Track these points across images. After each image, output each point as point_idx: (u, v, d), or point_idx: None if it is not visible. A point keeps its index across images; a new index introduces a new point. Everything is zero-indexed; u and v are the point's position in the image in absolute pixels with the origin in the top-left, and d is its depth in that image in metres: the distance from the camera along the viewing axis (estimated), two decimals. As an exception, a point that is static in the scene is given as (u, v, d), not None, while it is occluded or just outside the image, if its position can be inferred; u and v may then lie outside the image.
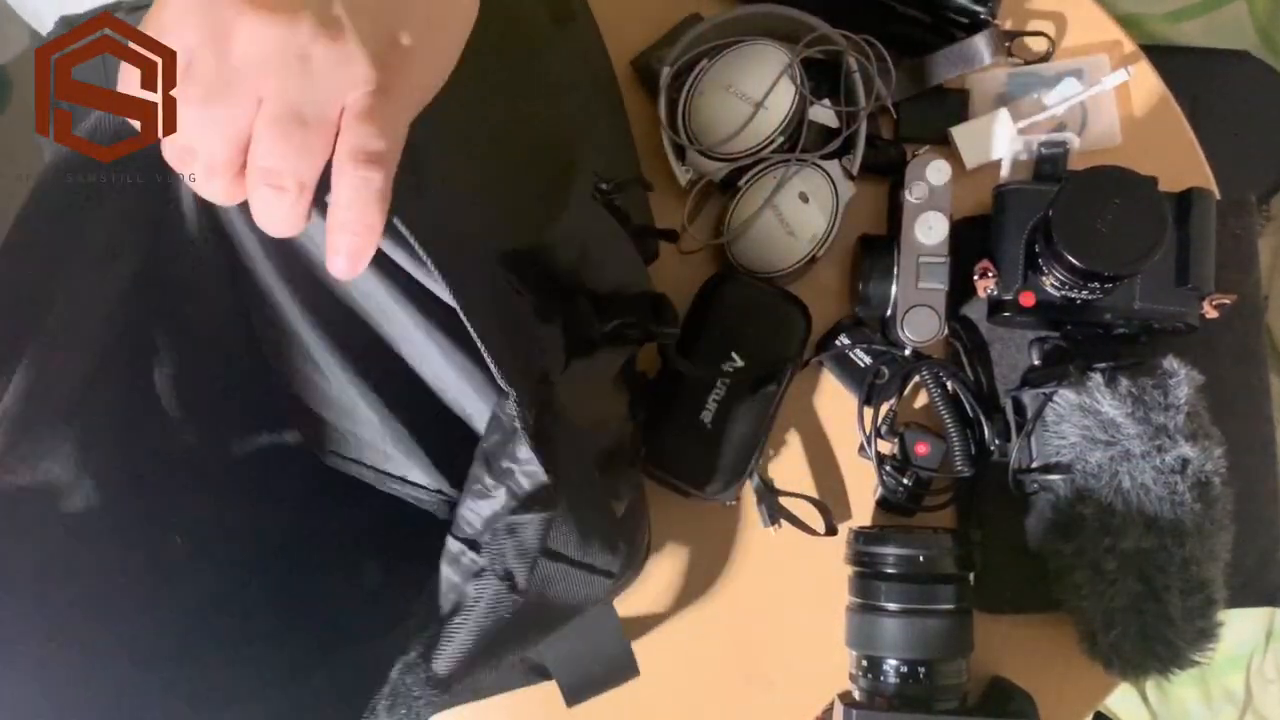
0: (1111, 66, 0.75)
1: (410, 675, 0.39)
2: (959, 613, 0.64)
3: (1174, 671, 0.63)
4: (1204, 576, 0.62)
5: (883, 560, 0.65)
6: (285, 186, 0.34)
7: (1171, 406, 0.63)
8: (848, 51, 0.72)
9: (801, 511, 0.70)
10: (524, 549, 0.40)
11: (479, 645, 0.40)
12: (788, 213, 0.71)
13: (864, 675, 0.65)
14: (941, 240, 0.68)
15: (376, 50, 0.34)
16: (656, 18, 0.75)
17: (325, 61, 0.33)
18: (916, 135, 0.75)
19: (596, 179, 0.56)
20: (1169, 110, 0.76)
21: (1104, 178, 0.63)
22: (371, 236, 0.36)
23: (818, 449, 0.74)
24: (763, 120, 0.70)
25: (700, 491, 0.68)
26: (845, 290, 0.75)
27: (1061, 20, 0.76)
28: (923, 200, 0.69)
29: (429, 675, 0.39)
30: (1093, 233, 0.62)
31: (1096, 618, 0.63)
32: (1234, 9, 1.10)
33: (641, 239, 0.63)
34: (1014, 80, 0.76)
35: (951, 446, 0.70)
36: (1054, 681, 0.69)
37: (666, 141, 0.72)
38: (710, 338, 0.69)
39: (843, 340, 0.72)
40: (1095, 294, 0.65)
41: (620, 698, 0.71)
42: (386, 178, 0.35)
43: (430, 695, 0.39)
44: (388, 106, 0.35)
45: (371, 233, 0.35)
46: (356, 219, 0.35)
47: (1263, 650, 0.97)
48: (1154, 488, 0.62)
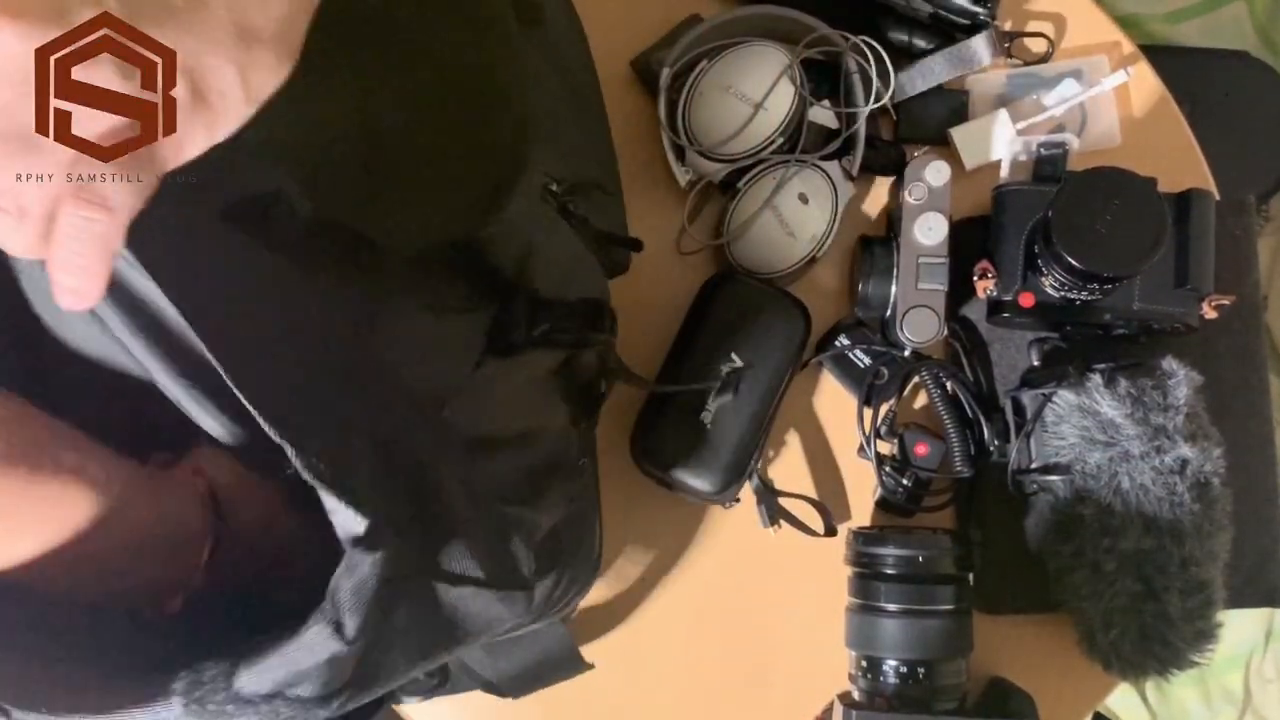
0: (1111, 67, 0.76)
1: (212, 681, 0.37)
2: (958, 613, 0.64)
3: (1173, 672, 0.63)
4: (1203, 577, 0.62)
5: (882, 561, 0.65)
6: (6, 209, 0.32)
7: (1171, 407, 0.63)
8: (847, 52, 0.72)
9: (801, 512, 0.70)
10: (360, 593, 0.38)
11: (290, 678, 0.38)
12: (787, 213, 0.71)
13: (863, 675, 0.65)
14: (941, 241, 0.68)
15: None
16: (656, 18, 0.76)
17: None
18: (916, 136, 0.75)
19: (547, 180, 0.55)
20: (1168, 111, 0.76)
21: (1103, 179, 0.63)
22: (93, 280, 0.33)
23: (817, 449, 0.74)
24: (762, 121, 0.70)
25: (700, 492, 0.68)
26: (845, 290, 0.75)
27: (1061, 21, 0.77)
28: (922, 201, 0.69)
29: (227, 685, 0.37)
30: (1092, 234, 0.62)
31: (1096, 618, 0.64)
32: (1233, 9, 1.10)
33: (603, 246, 0.62)
34: (1013, 81, 0.76)
35: (951, 447, 0.70)
36: (1053, 682, 0.69)
37: (666, 142, 0.72)
38: (710, 338, 0.69)
39: (842, 341, 0.72)
40: (1094, 295, 0.66)
41: (620, 698, 0.71)
42: (114, 223, 0.33)
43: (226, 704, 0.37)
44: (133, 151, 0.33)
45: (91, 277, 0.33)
46: (75, 259, 0.33)
47: (1262, 650, 0.97)
48: (1153, 488, 0.62)
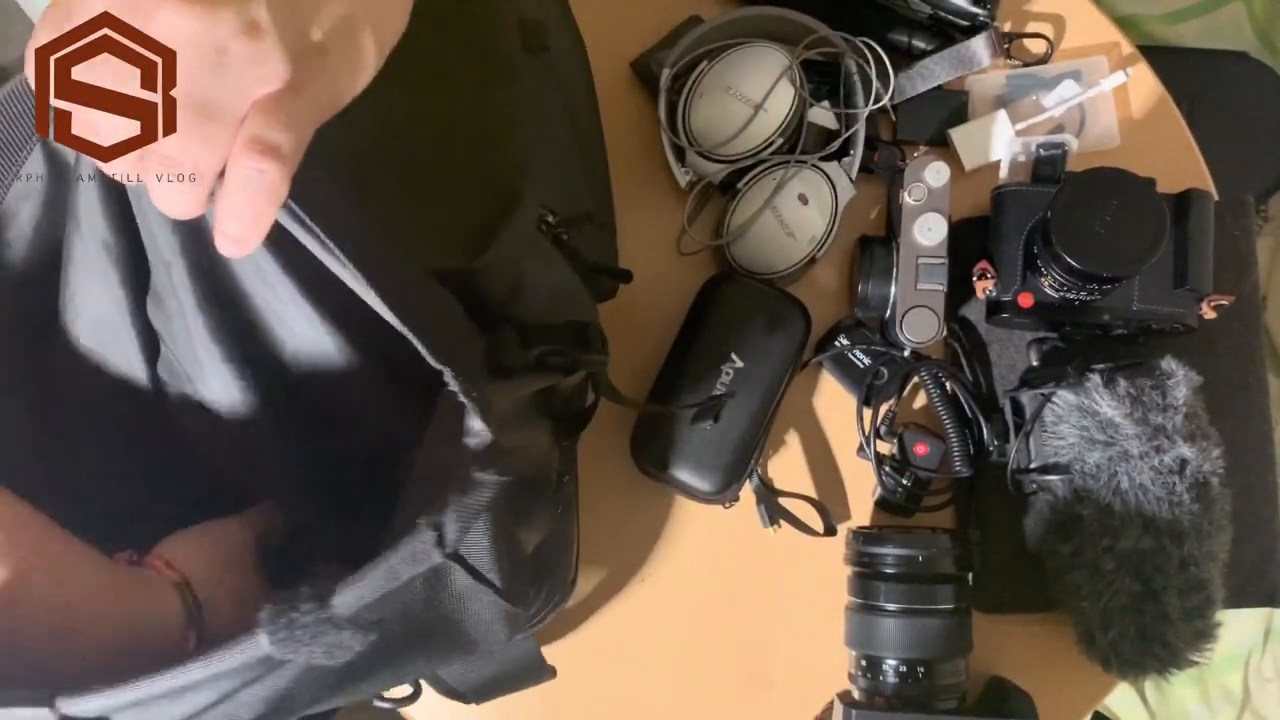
0: (1110, 68, 0.76)
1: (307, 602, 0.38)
2: (958, 612, 0.64)
3: (1172, 671, 0.63)
4: (1202, 576, 0.62)
5: (882, 560, 0.65)
6: (183, 175, 0.34)
7: (1170, 407, 0.63)
8: (847, 54, 0.72)
9: (801, 512, 0.70)
10: (471, 505, 0.40)
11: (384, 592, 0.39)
12: (787, 214, 0.71)
13: (863, 675, 0.65)
14: (940, 241, 0.68)
15: (294, 51, 0.34)
16: (656, 20, 0.76)
17: (241, 57, 0.33)
18: (915, 137, 0.75)
19: (543, 211, 0.55)
20: (1167, 111, 0.76)
21: (1102, 179, 0.63)
22: (258, 227, 0.35)
23: (817, 449, 0.74)
24: (762, 122, 0.70)
25: (700, 492, 0.68)
26: (845, 291, 0.75)
27: (1060, 22, 0.77)
28: (922, 201, 0.69)
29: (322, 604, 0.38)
30: (1091, 234, 0.62)
31: (1095, 618, 0.64)
32: (1232, 10, 1.10)
33: (594, 277, 0.62)
34: (1012, 82, 0.76)
35: (950, 447, 0.70)
36: (1053, 681, 0.69)
37: (666, 143, 0.72)
38: (710, 338, 0.69)
39: (842, 341, 0.72)
40: (1094, 295, 0.66)
41: (620, 698, 0.71)
42: (282, 173, 0.35)
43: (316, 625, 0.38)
44: (296, 105, 0.35)
45: (258, 224, 0.35)
46: (245, 207, 0.35)
47: (1261, 650, 0.97)
48: (1152, 488, 0.62)
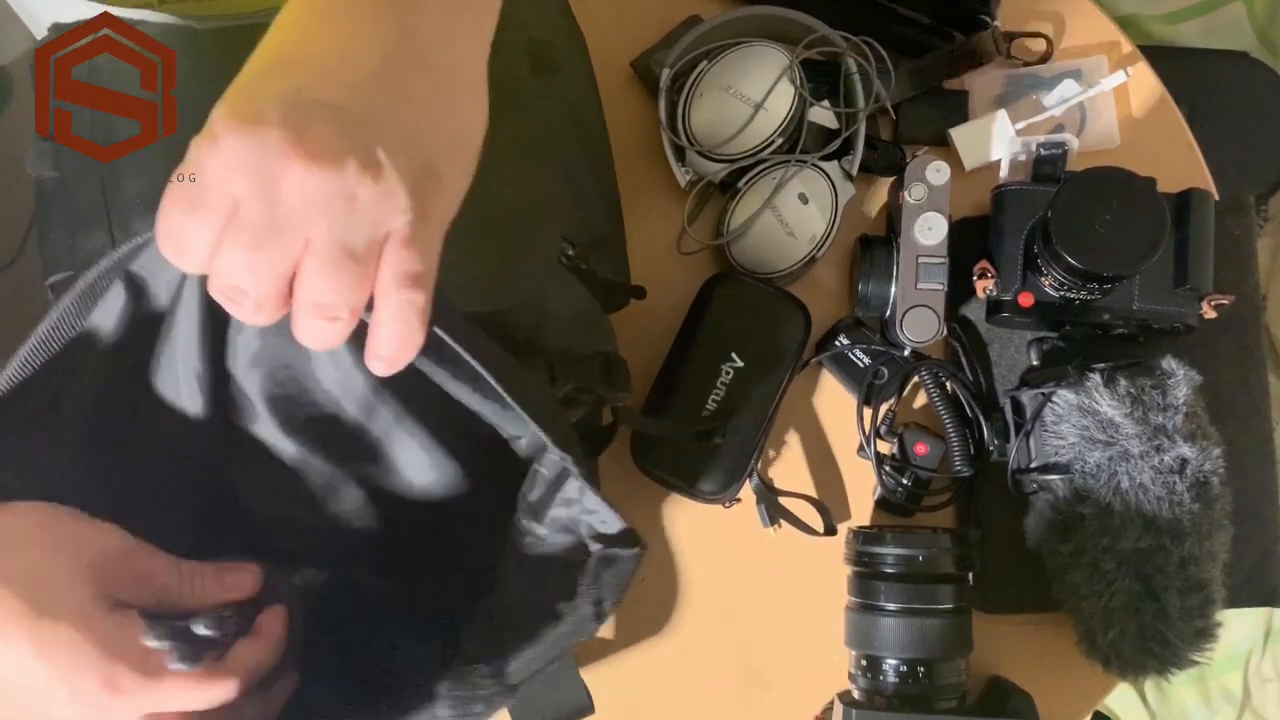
0: (1110, 67, 0.76)
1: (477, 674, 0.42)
2: (958, 612, 0.64)
3: (1172, 671, 0.63)
4: (1202, 576, 0.62)
5: (882, 560, 0.65)
6: (339, 316, 0.36)
7: (1170, 407, 0.63)
8: (847, 53, 0.72)
9: (801, 511, 0.70)
10: (620, 579, 0.45)
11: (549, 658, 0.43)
12: (787, 214, 0.71)
13: (863, 675, 0.65)
14: (941, 241, 0.68)
15: (413, 181, 0.36)
16: (656, 19, 0.76)
17: (369, 199, 0.35)
18: (916, 136, 0.75)
19: (564, 244, 0.56)
20: (1167, 111, 0.76)
21: (1103, 179, 0.63)
22: (412, 348, 0.38)
23: (817, 449, 0.74)
24: (762, 121, 0.70)
25: (700, 491, 0.68)
26: (845, 290, 0.75)
27: (1060, 21, 0.77)
28: (922, 201, 0.69)
29: (499, 678, 0.42)
30: (1091, 234, 0.62)
31: (1095, 617, 0.64)
32: (1232, 10, 1.10)
33: (609, 296, 0.63)
34: (1013, 81, 0.76)
35: (950, 447, 0.70)
36: (1053, 681, 0.69)
37: (666, 143, 0.72)
38: (710, 338, 0.69)
39: (842, 340, 0.72)
40: (1094, 295, 0.66)
41: (620, 698, 0.71)
42: (427, 295, 0.37)
43: (495, 694, 0.42)
44: (425, 231, 0.37)
45: (412, 344, 0.38)
46: (399, 334, 0.37)
47: (1261, 649, 0.97)
48: (1152, 488, 0.62)
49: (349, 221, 0.35)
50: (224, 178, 0.34)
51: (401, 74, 0.38)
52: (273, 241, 0.34)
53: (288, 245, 0.35)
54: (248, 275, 0.35)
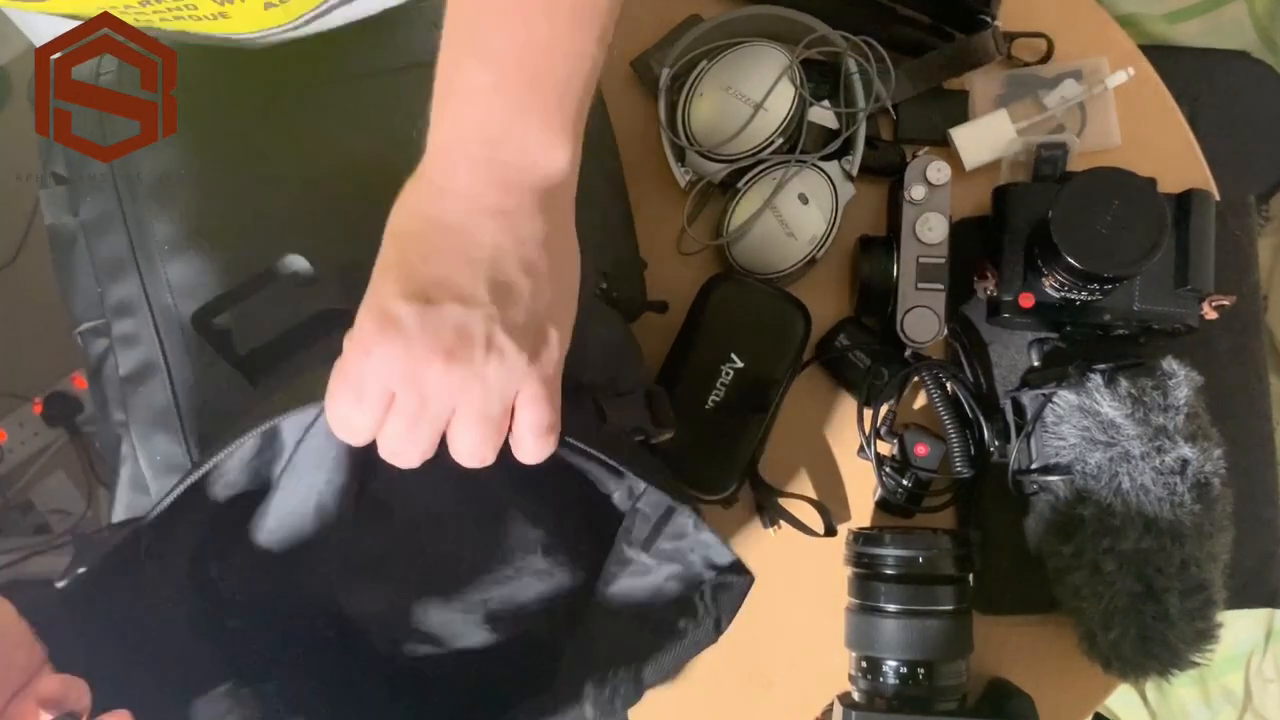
0: (1111, 67, 0.76)
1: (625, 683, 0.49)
2: (958, 614, 0.64)
3: (1173, 672, 0.63)
4: (1203, 577, 0.62)
5: (882, 561, 0.65)
6: (488, 459, 0.44)
7: (1171, 407, 0.63)
8: (847, 53, 0.72)
9: (801, 512, 0.70)
10: (735, 602, 0.51)
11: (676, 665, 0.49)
12: (787, 214, 0.71)
13: (863, 676, 0.65)
14: (941, 241, 0.68)
15: (531, 350, 0.43)
16: (656, 19, 0.75)
17: (498, 377, 0.43)
18: (916, 136, 0.75)
19: (598, 278, 0.58)
20: (1168, 111, 0.76)
21: (1103, 179, 0.63)
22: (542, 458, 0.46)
23: (817, 450, 0.74)
24: (762, 121, 0.70)
25: (700, 492, 0.68)
26: (845, 290, 0.75)
27: (1061, 21, 0.76)
28: (922, 201, 0.69)
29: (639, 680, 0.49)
30: (1092, 234, 0.62)
31: (1096, 618, 0.63)
32: (1233, 9, 1.10)
33: (633, 312, 0.65)
34: (1013, 81, 0.76)
35: (951, 447, 0.70)
36: (1053, 682, 0.69)
37: (666, 143, 0.72)
38: (710, 338, 0.69)
39: (842, 341, 0.72)
40: (1094, 295, 0.66)
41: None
42: (557, 435, 0.45)
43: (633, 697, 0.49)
44: (547, 386, 0.44)
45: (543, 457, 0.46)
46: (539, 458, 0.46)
47: (1262, 650, 0.97)
48: (1153, 489, 0.62)
49: (484, 396, 0.43)
50: (382, 375, 0.42)
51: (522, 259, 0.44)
52: (424, 422, 0.43)
53: (435, 423, 0.43)
54: (404, 446, 0.43)
